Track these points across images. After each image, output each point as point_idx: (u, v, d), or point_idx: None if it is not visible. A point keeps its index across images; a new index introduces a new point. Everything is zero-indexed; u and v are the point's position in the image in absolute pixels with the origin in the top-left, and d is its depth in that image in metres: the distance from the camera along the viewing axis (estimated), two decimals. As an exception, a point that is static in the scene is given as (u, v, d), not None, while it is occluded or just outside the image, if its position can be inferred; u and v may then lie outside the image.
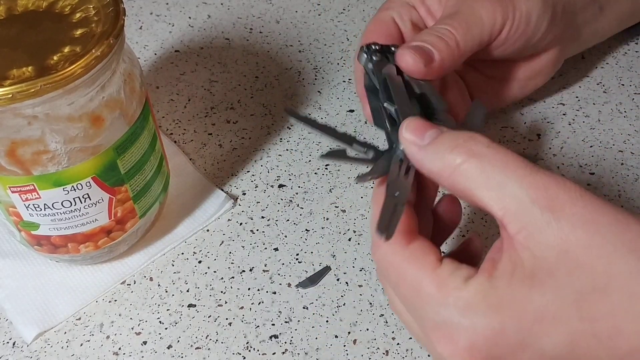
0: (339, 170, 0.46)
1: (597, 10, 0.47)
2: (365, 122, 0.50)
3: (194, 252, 0.42)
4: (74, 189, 0.34)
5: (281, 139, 0.49)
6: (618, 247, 0.25)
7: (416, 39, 0.38)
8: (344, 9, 0.60)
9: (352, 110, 0.51)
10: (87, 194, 0.34)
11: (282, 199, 0.45)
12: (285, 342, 0.37)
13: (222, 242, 0.42)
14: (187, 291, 0.40)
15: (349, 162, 0.33)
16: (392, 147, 0.32)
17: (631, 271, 0.24)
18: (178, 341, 0.37)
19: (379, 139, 0.48)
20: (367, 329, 0.38)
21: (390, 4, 0.44)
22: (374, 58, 0.37)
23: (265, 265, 0.41)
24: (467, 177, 0.27)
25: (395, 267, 0.29)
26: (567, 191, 0.26)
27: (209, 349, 0.37)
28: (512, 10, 0.40)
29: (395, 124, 0.34)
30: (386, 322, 0.38)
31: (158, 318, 0.38)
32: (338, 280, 0.40)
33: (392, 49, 0.38)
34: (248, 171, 0.46)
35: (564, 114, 0.50)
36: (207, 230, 0.43)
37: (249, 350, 0.37)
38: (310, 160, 0.47)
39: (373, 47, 0.38)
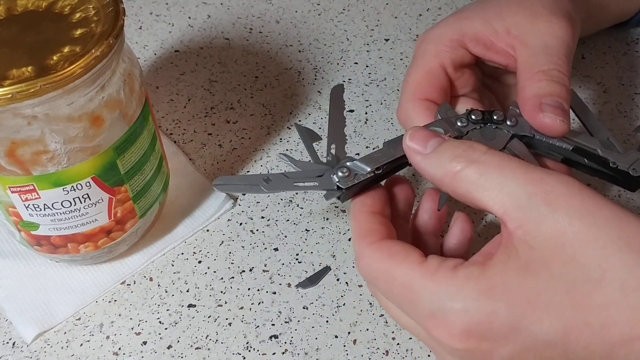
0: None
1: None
2: (366, 122, 0.50)
3: (194, 252, 0.42)
4: (74, 189, 0.34)
5: (281, 139, 0.49)
6: (614, 240, 0.25)
7: (539, 92, 0.36)
8: (344, 9, 0.60)
9: (352, 110, 0.51)
10: (87, 194, 0.34)
11: (282, 199, 0.45)
12: (285, 342, 0.37)
13: (222, 242, 0.42)
14: (187, 291, 0.40)
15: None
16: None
17: (625, 264, 0.25)
18: (178, 341, 0.37)
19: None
20: (367, 329, 0.38)
21: (436, 45, 0.40)
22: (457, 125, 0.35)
23: (265, 265, 0.41)
24: (467, 181, 0.28)
25: (383, 271, 0.29)
26: (564, 184, 0.27)
27: (209, 349, 0.37)
28: (577, 21, 0.39)
29: None
30: (386, 322, 0.38)
31: (158, 318, 0.38)
32: (338, 280, 0.40)
33: (495, 117, 0.35)
34: (248, 171, 0.46)
35: (564, 114, 0.50)
36: (207, 231, 0.43)
37: (249, 350, 0.37)
38: (310, 160, 0.47)
39: (472, 116, 0.35)
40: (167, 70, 0.54)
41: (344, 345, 0.37)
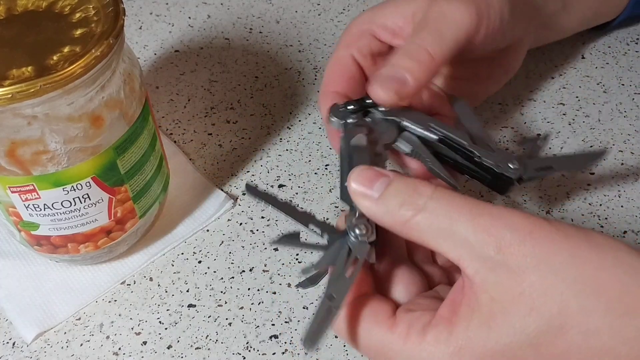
0: (338, 170, 0.46)
1: (560, 6, 0.48)
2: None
3: (194, 252, 0.42)
4: (74, 189, 0.34)
5: (281, 139, 0.49)
6: (571, 285, 0.25)
7: (386, 65, 0.37)
8: (343, 9, 0.60)
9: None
10: (87, 194, 0.34)
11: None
12: (285, 342, 0.37)
13: (222, 242, 0.42)
14: (187, 291, 0.40)
15: (302, 247, 0.33)
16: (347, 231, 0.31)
17: (584, 309, 0.25)
18: (178, 341, 0.37)
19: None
20: (367, 329, 0.38)
21: (348, 38, 0.42)
22: (348, 121, 0.36)
23: (265, 265, 0.41)
24: (418, 230, 0.28)
25: (365, 340, 0.29)
26: (513, 231, 0.26)
27: (209, 349, 0.37)
28: (486, 7, 0.39)
29: None
30: (386, 322, 0.38)
31: (158, 318, 0.38)
32: (338, 280, 0.40)
33: (367, 101, 0.36)
34: (248, 171, 0.46)
35: (564, 114, 0.50)
36: (207, 230, 0.43)
37: (249, 350, 0.37)
38: (310, 160, 0.47)
39: (343, 108, 0.36)
40: (167, 70, 0.54)
41: (344, 345, 0.37)
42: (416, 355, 0.27)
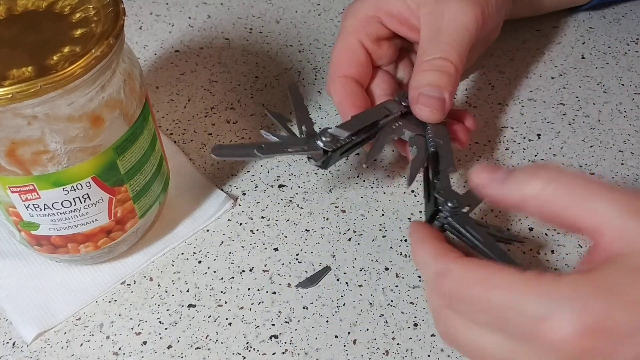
0: (338, 170, 0.46)
1: None
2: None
3: (194, 252, 0.42)
4: (74, 189, 0.34)
5: (281, 139, 0.49)
6: None
7: (420, 83, 0.40)
8: (343, 9, 0.60)
9: (352, 110, 0.51)
10: (87, 194, 0.34)
11: (282, 199, 0.45)
12: (285, 342, 0.37)
13: (222, 242, 0.42)
14: (187, 291, 0.40)
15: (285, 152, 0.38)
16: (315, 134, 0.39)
17: None
18: (178, 341, 0.37)
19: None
20: (367, 329, 0.38)
21: (354, 21, 0.44)
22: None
23: (265, 265, 0.41)
24: (552, 200, 0.27)
25: (478, 281, 0.27)
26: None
27: (209, 349, 0.37)
28: (486, 4, 0.41)
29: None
30: (386, 322, 0.38)
31: (158, 318, 0.38)
32: (338, 280, 0.40)
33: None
34: (248, 171, 0.46)
35: (564, 114, 0.50)
36: (207, 230, 0.43)
37: (249, 350, 0.37)
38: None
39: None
40: (167, 70, 0.54)
41: (344, 345, 0.37)
42: (554, 291, 0.25)
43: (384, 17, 0.43)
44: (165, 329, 0.38)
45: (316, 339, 0.37)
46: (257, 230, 0.43)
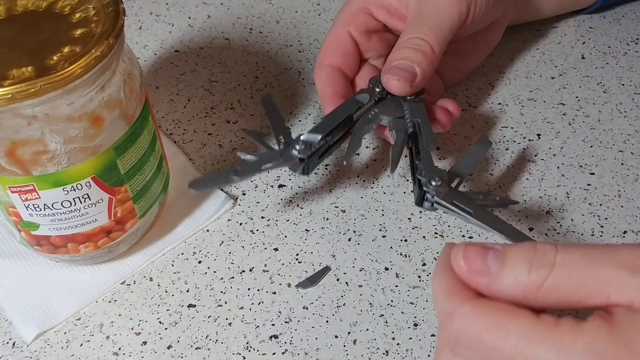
0: (338, 170, 0.46)
1: None
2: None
3: (194, 252, 0.42)
4: (74, 189, 0.34)
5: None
6: None
7: (394, 58, 0.41)
8: (344, 9, 0.60)
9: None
10: (87, 194, 0.34)
11: (282, 199, 0.45)
12: (285, 342, 0.37)
13: (222, 242, 0.42)
14: (187, 291, 0.40)
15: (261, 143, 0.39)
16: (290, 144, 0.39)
17: None
18: (178, 341, 0.37)
19: (378, 139, 0.48)
20: (367, 329, 0.38)
21: (345, 15, 0.45)
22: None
23: (265, 266, 0.41)
24: (555, 288, 0.25)
25: (491, 326, 0.25)
26: None
27: (209, 349, 0.37)
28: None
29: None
30: (386, 322, 0.38)
31: (158, 318, 0.38)
32: (338, 280, 0.40)
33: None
34: (248, 171, 0.46)
35: (564, 114, 0.50)
36: (207, 231, 0.43)
37: (249, 350, 0.37)
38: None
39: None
40: (167, 70, 0.54)
41: (344, 345, 0.37)
42: (571, 342, 0.24)
43: (374, 8, 0.44)
44: (165, 329, 0.38)
45: (316, 339, 0.37)
46: (257, 230, 0.43)
